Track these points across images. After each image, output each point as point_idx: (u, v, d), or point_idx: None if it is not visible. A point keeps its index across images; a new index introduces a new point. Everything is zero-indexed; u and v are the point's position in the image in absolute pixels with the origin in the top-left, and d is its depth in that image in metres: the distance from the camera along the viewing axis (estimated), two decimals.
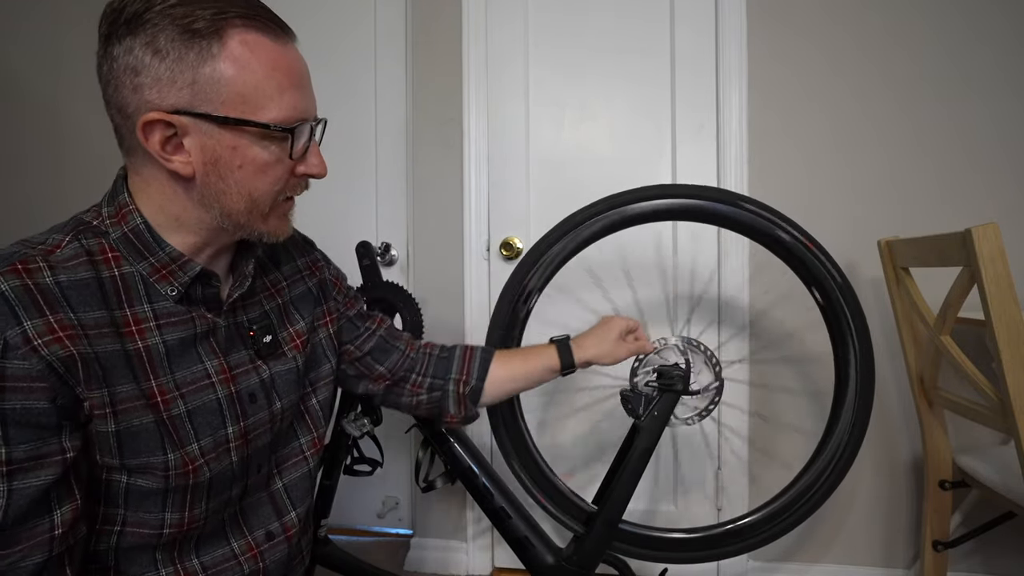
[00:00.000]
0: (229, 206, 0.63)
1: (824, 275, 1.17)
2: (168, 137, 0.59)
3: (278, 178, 0.64)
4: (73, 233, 0.61)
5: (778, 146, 1.62)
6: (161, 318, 0.63)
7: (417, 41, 1.76)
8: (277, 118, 0.61)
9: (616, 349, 1.05)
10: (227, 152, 0.61)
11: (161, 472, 0.62)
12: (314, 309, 0.83)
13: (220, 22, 0.57)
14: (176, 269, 0.64)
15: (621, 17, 1.70)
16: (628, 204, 1.17)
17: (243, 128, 0.60)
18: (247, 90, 0.59)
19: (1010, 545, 1.52)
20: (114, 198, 0.64)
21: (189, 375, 0.65)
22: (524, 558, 1.14)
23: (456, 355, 1.00)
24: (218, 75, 0.58)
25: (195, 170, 0.61)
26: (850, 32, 1.59)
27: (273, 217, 0.67)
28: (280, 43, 0.62)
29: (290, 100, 0.61)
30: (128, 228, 0.62)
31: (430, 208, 1.76)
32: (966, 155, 1.55)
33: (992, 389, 1.05)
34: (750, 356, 1.64)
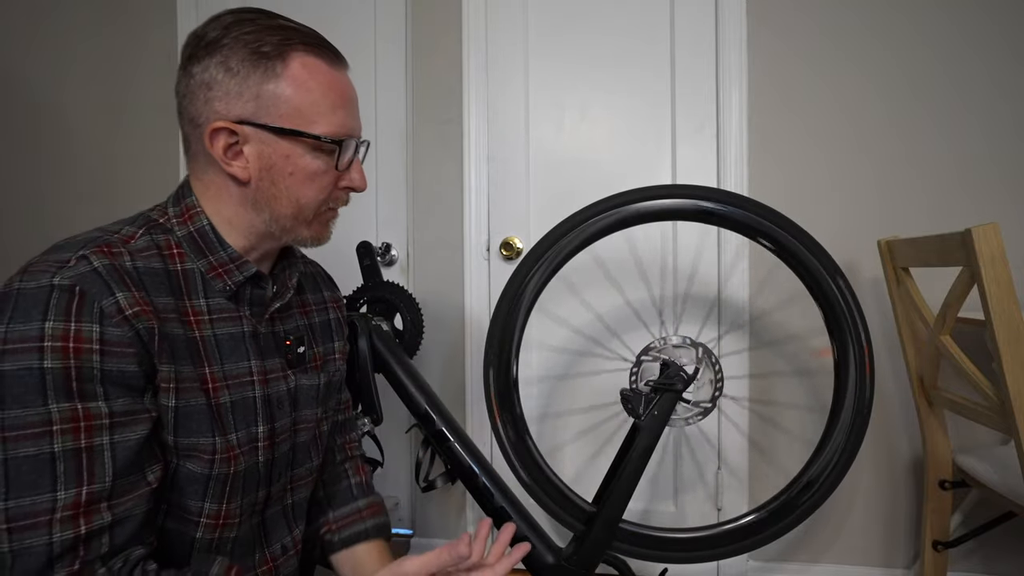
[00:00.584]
0: (278, 210, 0.69)
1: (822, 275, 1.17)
2: (231, 144, 0.67)
3: (323, 187, 0.70)
4: (145, 228, 0.68)
5: (778, 146, 1.62)
6: (214, 313, 0.69)
7: (417, 41, 1.77)
8: (327, 132, 0.68)
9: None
10: (281, 160, 0.67)
11: (208, 455, 0.66)
12: (333, 342, 0.87)
13: (284, 47, 0.66)
14: (233, 268, 0.70)
15: (621, 18, 1.70)
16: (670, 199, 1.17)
17: (297, 138, 0.67)
18: (303, 106, 0.67)
19: (1010, 545, 1.52)
20: (180, 200, 0.71)
21: (235, 369, 0.70)
22: (524, 558, 1.14)
23: (358, 502, 0.91)
24: (279, 91, 0.66)
25: (251, 175, 0.68)
26: (850, 33, 1.60)
27: (316, 223, 0.72)
28: (335, 68, 0.70)
29: (340, 118, 0.68)
30: (194, 228, 0.69)
31: (430, 208, 1.76)
32: (966, 155, 1.55)
33: (992, 389, 1.05)
34: (750, 356, 1.64)
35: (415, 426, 1.26)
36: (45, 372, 0.55)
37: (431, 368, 1.74)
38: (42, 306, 0.56)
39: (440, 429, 1.21)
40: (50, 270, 0.58)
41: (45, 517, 0.55)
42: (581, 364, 1.71)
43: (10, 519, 0.54)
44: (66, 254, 0.60)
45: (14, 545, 0.54)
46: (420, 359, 1.56)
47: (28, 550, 0.54)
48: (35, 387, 0.55)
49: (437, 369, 1.75)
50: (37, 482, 0.55)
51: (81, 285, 0.58)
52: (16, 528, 0.54)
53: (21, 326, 0.56)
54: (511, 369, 1.20)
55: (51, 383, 0.55)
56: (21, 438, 0.55)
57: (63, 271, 0.58)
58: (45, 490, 0.55)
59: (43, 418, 0.55)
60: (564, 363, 1.73)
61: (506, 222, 1.75)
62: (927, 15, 1.57)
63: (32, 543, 0.54)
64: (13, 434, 0.55)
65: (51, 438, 0.55)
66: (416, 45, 1.77)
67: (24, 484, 0.55)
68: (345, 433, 0.96)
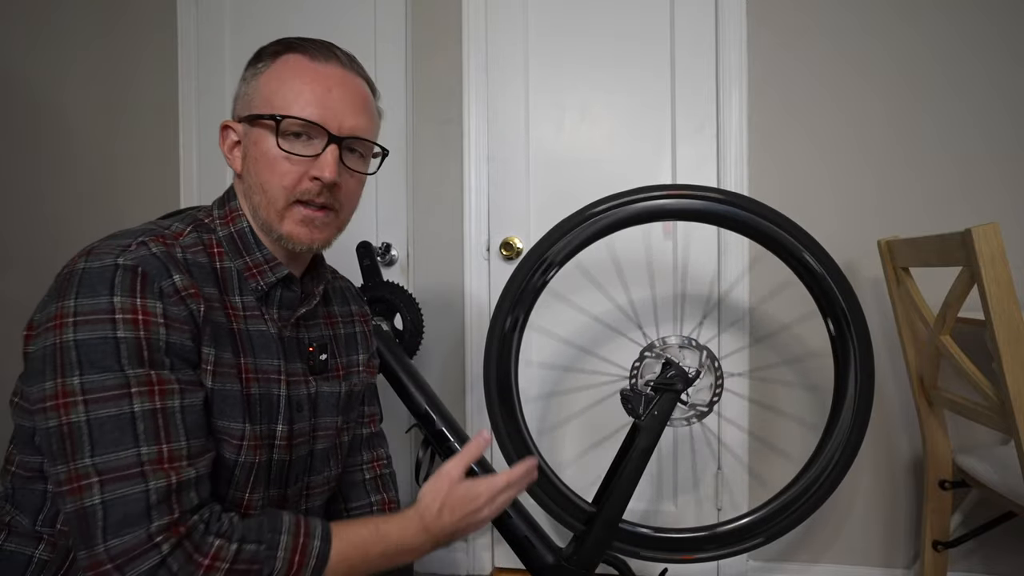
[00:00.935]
0: (254, 200, 0.72)
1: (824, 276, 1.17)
2: (235, 142, 0.73)
3: (283, 173, 0.70)
4: (192, 226, 0.72)
5: (778, 146, 1.63)
6: (248, 310, 0.72)
7: (417, 41, 1.77)
8: (284, 114, 0.69)
9: None
10: (252, 147, 0.71)
11: (237, 440, 0.69)
12: (358, 354, 0.88)
13: (278, 51, 0.71)
14: (266, 269, 0.73)
15: (621, 18, 1.70)
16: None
17: (259, 122, 0.70)
18: (270, 94, 0.70)
19: (1010, 545, 1.52)
20: (225, 203, 0.75)
21: (265, 364, 0.72)
22: (524, 558, 1.14)
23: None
24: (258, 85, 0.71)
25: (240, 166, 0.73)
26: (850, 33, 1.60)
27: (288, 220, 0.72)
28: (316, 61, 0.71)
29: (303, 101, 0.69)
30: (235, 229, 0.73)
31: (430, 208, 1.76)
32: (966, 155, 1.55)
33: (992, 389, 1.05)
34: (749, 355, 1.64)
35: (415, 426, 1.26)
36: (119, 341, 0.60)
37: (431, 368, 1.74)
38: (108, 283, 0.61)
39: (440, 429, 1.21)
40: (113, 252, 0.63)
41: (135, 470, 0.58)
42: (581, 364, 1.71)
43: (100, 472, 0.57)
44: (126, 240, 0.65)
45: (106, 496, 0.57)
46: (420, 359, 1.56)
47: (123, 499, 0.57)
48: (111, 354, 0.59)
49: (437, 369, 1.75)
50: (120, 439, 0.58)
51: (143, 266, 0.63)
52: (108, 480, 0.57)
53: (89, 300, 0.60)
54: (511, 369, 1.20)
55: (125, 351, 0.60)
56: (101, 400, 0.58)
57: (126, 253, 0.63)
58: (128, 446, 0.59)
59: (120, 382, 0.59)
60: (564, 364, 1.73)
61: (506, 222, 1.75)
62: (927, 16, 1.57)
63: (126, 493, 0.57)
64: (93, 396, 0.58)
65: (129, 400, 0.59)
66: (416, 45, 1.77)
67: (108, 442, 0.58)
68: (372, 449, 0.95)
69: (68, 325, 0.59)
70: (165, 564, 0.58)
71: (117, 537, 0.57)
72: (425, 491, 0.74)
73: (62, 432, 0.58)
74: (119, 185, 1.93)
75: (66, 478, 0.58)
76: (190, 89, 1.90)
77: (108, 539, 0.57)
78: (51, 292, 0.63)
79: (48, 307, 0.62)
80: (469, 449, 0.76)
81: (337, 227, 0.76)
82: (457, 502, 0.73)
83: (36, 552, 0.66)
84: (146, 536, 0.57)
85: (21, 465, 0.67)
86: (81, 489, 0.57)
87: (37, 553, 0.66)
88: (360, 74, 0.76)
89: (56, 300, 0.61)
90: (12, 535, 0.67)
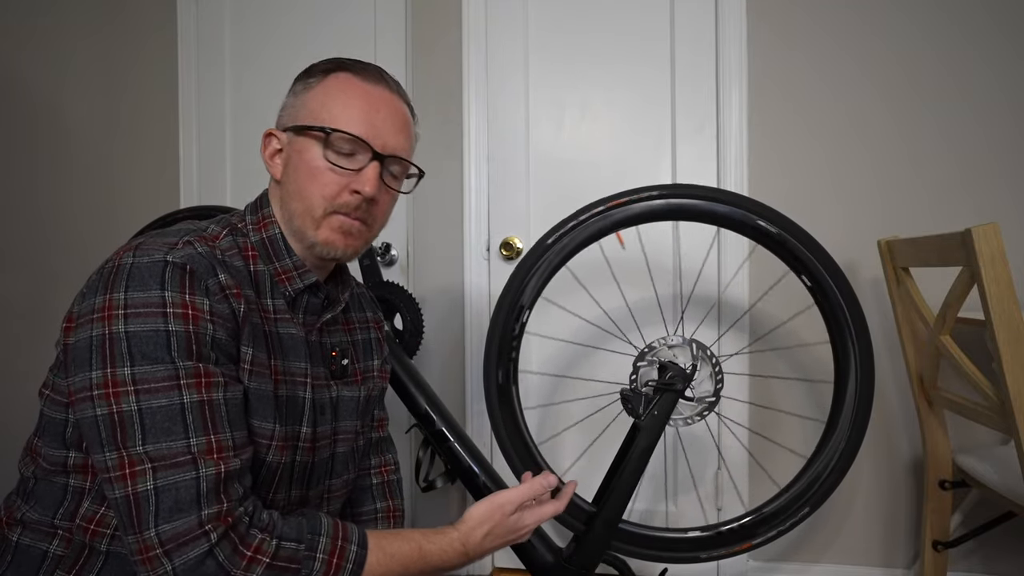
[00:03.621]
0: (292, 206, 0.74)
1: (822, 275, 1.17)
2: (276, 150, 0.76)
3: (325, 184, 0.72)
4: (228, 229, 0.74)
5: (778, 146, 1.62)
6: (278, 314, 0.74)
7: (417, 41, 1.76)
8: (332, 126, 0.71)
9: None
10: (296, 156, 0.74)
11: (267, 440, 0.70)
12: (373, 359, 0.91)
13: (330, 69, 0.75)
14: (295, 275, 0.75)
15: (621, 15, 1.70)
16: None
17: (306, 133, 0.72)
18: (318, 107, 0.73)
19: (1010, 545, 1.52)
20: (258, 209, 0.77)
21: (293, 367, 0.74)
22: (524, 558, 1.14)
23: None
24: (307, 98, 0.74)
25: (280, 173, 0.75)
26: (850, 31, 1.60)
27: (325, 227, 0.74)
28: (366, 82, 0.75)
29: (350, 117, 0.72)
30: (267, 235, 0.75)
31: (430, 208, 1.76)
32: (966, 155, 1.55)
33: (992, 389, 1.05)
34: (750, 355, 1.63)
35: (415, 426, 1.26)
36: (171, 334, 0.61)
37: (431, 368, 1.74)
38: (158, 277, 0.62)
39: (440, 429, 1.21)
40: (162, 249, 0.64)
41: (186, 457, 0.60)
42: (581, 364, 1.71)
43: (153, 459, 0.59)
44: (172, 238, 0.67)
45: (159, 482, 0.59)
46: (420, 359, 1.56)
47: (175, 486, 0.59)
48: (163, 346, 0.61)
49: (437, 369, 1.75)
50: (171, 429, 0.60)
51: (191, 264, 0.64)
52: (160, 467, 0.59)
53: (140, 293, 0.62)
54: (511, 369, 1.20)
55: (175, 343, 0.61)
56: (152, 391, 0.60)
57: (174, 251, 0.64)
58: (179, 436, 0.60)
59: (171, 373, 0.61)
60: (564, 363, 1.73)
61: (506, 222, 1.75)
62: (928, 14, 1.57)
63: (178, 480, 0.59)
64: (145, 387, 0.60)
65: (179, 391, 0.61)
66: (416, 44, 1.76)
67: (160, 431, 0.60)
68: (381, 454, 0.97)
69: (118, 317, 0.61)
70: (212, 553, 0.59)
71: (168, 523, 0.58)
72: (473, 514, 0.76)
73: (112, 420, 0.59)
74: (118, 185, 1.93)
75: (117, 464, 0.59)
76: (190, 88, 1.90)
77: (160, 524, 0.58)
78: (92, 285, 0.64)
79: (91, 299, 0.63)
80: (533, 487, 0.79)
81: (367, 240, 0.78)
82: (503, 531, 0.77)
83: (51, 547, 0.67)
84: (196, 523, 0.59)
85: (46, 457, 0.68)
86: (134, 475, 0.59)
87: (52, 548, 0.67)
88: (404, 99, 0.79)
89: (103, 292, 0.62)
90: (27, 530, 0.68)
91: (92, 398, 0.60)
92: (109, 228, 1.90)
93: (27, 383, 1.88)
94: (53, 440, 0.68)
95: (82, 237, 1.93)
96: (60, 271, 1.93)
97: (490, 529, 0.75)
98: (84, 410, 0.61)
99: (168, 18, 1.89)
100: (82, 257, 1.91)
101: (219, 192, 1.91)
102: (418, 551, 0.71)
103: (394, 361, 1.25)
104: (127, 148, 1.93)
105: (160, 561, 0.58)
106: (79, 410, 0.61)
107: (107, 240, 1.87)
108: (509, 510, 0.77)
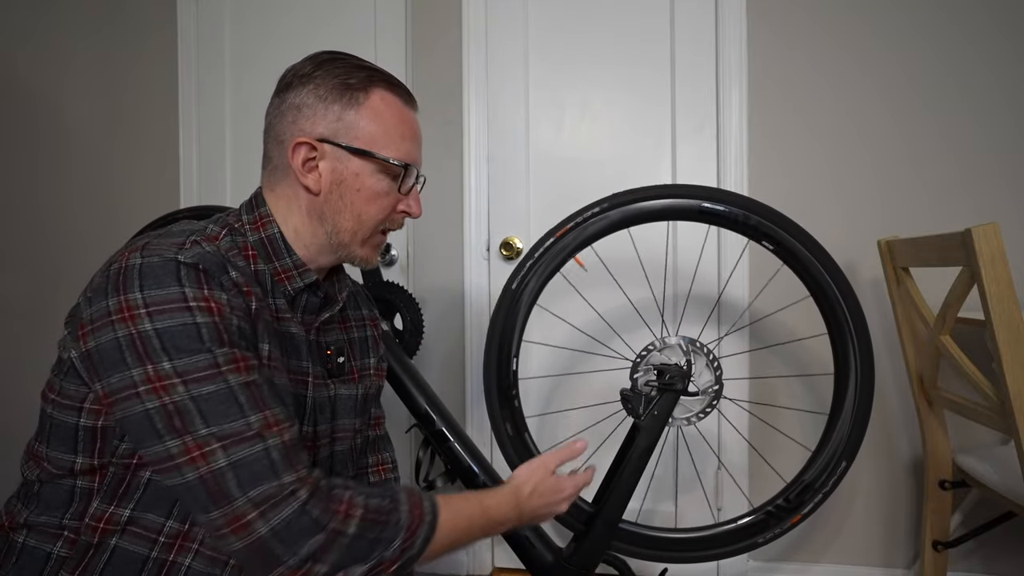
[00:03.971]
0: (340, 223, 0.76)
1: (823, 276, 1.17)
2: (309, 158, 0.74)
3: (383, 208, 0.77)
4: (227, 229, 0.73)
5: (778, 146, 1.62)
6: (281, 312, 0.75)
7: (417, 41, 1.77)
8: (395, 157, 0.76)
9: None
10: (351, 177, 0.75)
11: None
12: (369, 358, 0.92)
13: (368, 82, 0.76)
14: (295, 275, 0.76)
15: (621, 16, 1.70)
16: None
17: (368, 159, 0.75)
18: (377, 133, 0.75)
19: (1010, 545, 1.52)
20: (253, 208, 0.77)
21: (296, 365, 0.76)
22: (524, 558, 1.14)
23: None
24: (359, 118, 0.75)
25: (322, 187, 0.75)
26: (851, 31, 1.60)
27: (368, 245, 0.79)
28: (408, 106, 0.78)
29: (406, 148, 0.77)
30: (265, 234, 0.75)
31: (430, 208, 1.75)
32: (966, 155, 1.55)
33: (992, 389, 1.05)
34: (749, 356, 1.63)
35: (415, 426, 1.26)
36: (200, 326, 0.62)
37: (431, 368, 1.74)
38: (173, 275, 0.63)
39: (440, 429, 1.21)
40: (171, 249, 0.65)
41: (251, 433, 0.62)
42: (581, 364, 1.71)
43: (220, 438, 0.61)
44: (178, 239, 0.67)
45: (232, 457, 0.60)
46: (420, 359, 1.56)
47: (248, 459, 0.61)
48: (195, 337, 0.62)
49: (437, 369, 1.75)
50: (227, 411, 0.62)
51: (202, 263, 0.65)
52: (229, 444, 0.61)
53: (159, 291, 0.62)
54: (511, 369, 1.20)
55: (206, 334, 0.62)
56: (198, 379, 0.61)
57: (183, 251, 0.65)
58: (237, 416, 0.62)
59: (211, 361, 0.62)
60: (563, 364, 1.73)
61: (506, 222, 1.75)
62: (929, 14, 1.57)
63: (249, 453, 0.61)
64: (190, 377, 0.61)
65: (223, 376, 0.62)
66: (416, 44, 1.77)
67: (217, 413, 0.61)
68: (377, 452, 0.97)
69: (141, 316, 0.61)
70: (305, 510, 0.61)
71: (255, 488, 0.60)
72: (520, 472, 0.84)
73: (167, 411, 0.60)
74: (118, 185, 1.93)
75: (182, 450, 0.60)
76: (190, 88, 1.90)
77: (248, 491, 0.60)
78: (99, 288, 0.64)
79: (102, 302, 0.63)
80: (570, 450, 0.88)
81: None
82: (546, 489, 0.83)
83: (55, 549, 0.67)
84: (279, 487, 0.61)
85: (52, 462, 0.68)
86: (204, 456, 0.60)
87: (56, 550, 0.67)
88: None
89: (116, 294, 0.62)
90: (32, 532, 0.68)
91: (138, 394, 0.61)
92: (109, 228, 1.90)
93: (27, 383, 1.89)
94: (61, 444, 0.67)
95: (82, 237, 1.93)
96: (60, 271, 1.93)
97: (535, 486, 0.82)
98: (130, 407, 0.61)
99: (168, 18, 1.90)
100: (82, 257, 1.91)
101: (219, 192, 1.91)
102: (479, 505, 0.77)
103: (394, 361, 1.25)
104: (127, 148, 1.93)
105: (254, 525, 0.60)
106: (122, 408, 0.62)
107: (107, 240, 1.87)
108: (552, 467, 0.84)
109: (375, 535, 0.65)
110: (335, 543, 0.62)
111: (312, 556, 0.61)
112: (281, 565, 0.61)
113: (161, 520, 0.67)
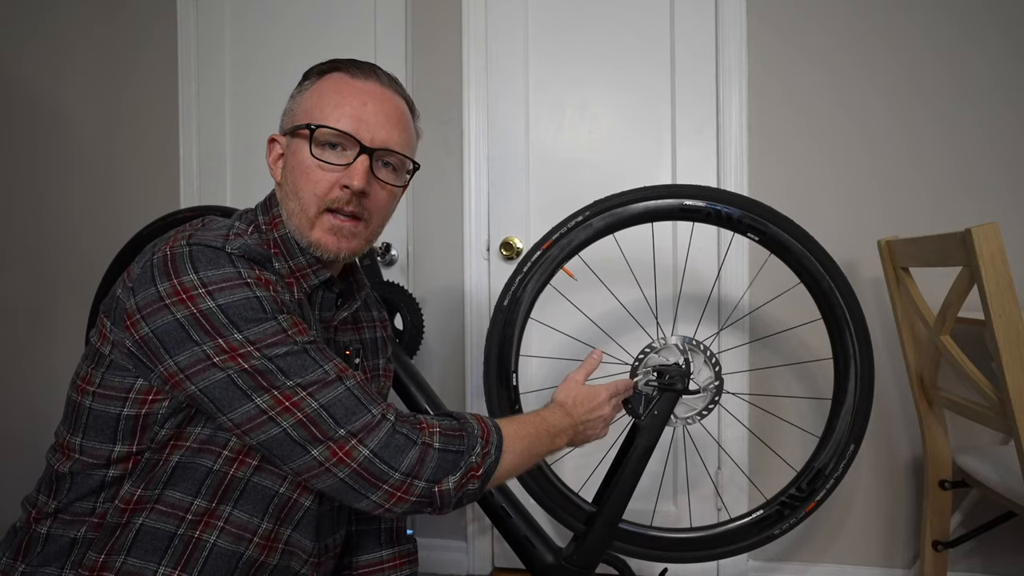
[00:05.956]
0: (289, 207, 0.76)
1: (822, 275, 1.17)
2: (279, 155, 0.78)
3: (316, 181, 0.74)
4: (253, 227, 0.76)
5: (778, 146, 1.62)
6: (304, 308, 0.76)
7: (417, 41, 1.77)
8: (317, 123, 0.73)
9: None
10: (291, 157, 0.76)
11: None
12: (379, 359, 0.94)
13: (324, 70, 0.77)
14: (310, 272, 0.77)
15: (621, 16, 1.70)
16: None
17: (299, 133, 0.74)
18: (311, 107, 0.75)
19: (1010, 545, 1.52)
20: (268, 208, 0.78)
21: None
22: (524, 558, 1.14)
23: (382, 552, 0.98)
24: (302, 100, 0.76)
25: (280, 176, 0.78)
26: (851, 31, 1.60)
27: (318, 227, 0.75)
28: (356, 79, 0.76)
29: (341, 114, 0.73)
30: (278, 234, 0.76)
31: (430, 208, 1.76)
32: (966, 155, 1.55)
33: (992, 389, 1.05)
34: (749, 355, 1.63)
35: None
36: (260, 299, 0.66)
37: (431, 368, 1.74)
38: (226, 259, 0.67)
39: None
40: (217, 240, 0.68)
41: (331, 378, 0.68)
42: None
43: (306, 387, 0.66)
44: (220, 231, 0.71)
45: (321, 400, 0.66)
46: (420, 359, 1.56)
47: (336, 399, 0.67)
48: (259, 308, 0.66)
49: (437, 369, 1.75)
50: (305, 364, 0.67)
51: (248, 253, 0.69)
52: (315, 390, 0.66)
53: (214, 271, 0.65)
54: (511, 369, 1.20)
55: (267, 306, 0.67)
56: (271, 344, 0.65)
57: (229, 242, 0.69)
58: (314, 368, 0.67)
59: (278, 327, 0.66)
60: (562, 372, 1.72)
61: (506, 222, 1.75)
62: (929, 14, 1.57)
63: (335, 395, 0.67)
64: (264, 343, 0.65)
65: (291, 338, 0.67)
66: (416, 44, 1.77)
67: (297, 367, 0.66)
68: None
69: (201, 296, 0.64)
70: (396, 429, 0.68)
71: (350, 422, 0.67)
72: (556, 392, 0.91)
73: (249, 374, 0.64)
74: (118, 185, 1.93)
75: (273, 403, 0.65)
76: (190, 88, 1.90)
77: (344, 424, 0.66)
78: (142, 278, 0.66)
79: (149, 288, 0.65)
80: (591, 362, 0.98)
81: (366, 238, 0.79)
82: (584, 398, 0.90)
83: (79, 533, 0.68)
84: (370, 416, 0.68)
85: (88, 452, 0.69)
86: (296, 404, 0.65)
87: (80, 534, 0.68)
88: (400, 93, 0.80)
89: (166, 279, 0.64)
90: (57, 521, 0.69)
91: (215, 364, 0.64)
92: (109, 228, 1.90)
93: (27, 383, 1.89)
94: (99, 435, 0.68)
95: (82, 237, 1.93)
96: (60, 271, 1.93)
97: (574, 397, 0.89)
98: (210, 376, 0.64)
99: (168, 18, 1.90)
100: (82, 257, 1.91)
101: (219, 192, 1.91)
102: (541, 421, 0.83)
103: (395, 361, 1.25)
104: (127, 148, 1.93)
105: (357, 449, 0.66)
106: (199, 380, 0.64)
107: (107, 240, 1.86)
108: (581, 380, 0.92)
109: (456, 447, 0.72)
110: (427, 456, 0.69)
111: (411, 471, 0.68)
112: (385, 483, 0.67)
113: (189, 498, 0.68)
